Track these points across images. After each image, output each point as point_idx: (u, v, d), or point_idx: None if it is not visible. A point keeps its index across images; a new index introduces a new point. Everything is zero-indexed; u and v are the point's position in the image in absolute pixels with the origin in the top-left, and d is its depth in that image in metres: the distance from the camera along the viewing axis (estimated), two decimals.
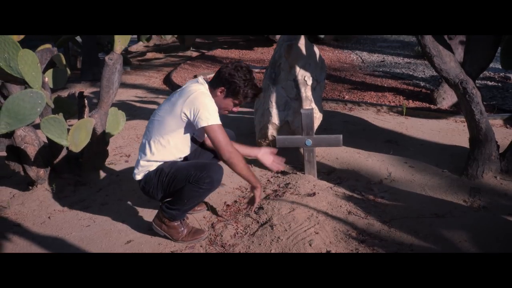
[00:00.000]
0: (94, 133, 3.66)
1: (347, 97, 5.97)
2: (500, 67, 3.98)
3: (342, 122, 4.95)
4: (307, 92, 4.03)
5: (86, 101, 3.76)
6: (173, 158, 2.83)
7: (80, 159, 3.87)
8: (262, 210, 3.11)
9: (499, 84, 6.19)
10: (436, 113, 5.23)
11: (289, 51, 4.00)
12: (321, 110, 4.19)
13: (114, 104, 3.94)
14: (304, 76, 4.01)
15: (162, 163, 2.81)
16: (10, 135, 3.46)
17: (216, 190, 2.97)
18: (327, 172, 3.77)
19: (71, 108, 3.98)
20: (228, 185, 3.60)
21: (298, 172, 3.71)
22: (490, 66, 4.99)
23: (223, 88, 2.75)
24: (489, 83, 6.24)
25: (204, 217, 3.19)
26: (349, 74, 7.16)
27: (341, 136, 3.47)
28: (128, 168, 4.06)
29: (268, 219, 3.00)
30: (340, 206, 3.14)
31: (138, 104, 6.44)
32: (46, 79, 3.68)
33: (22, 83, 3.09)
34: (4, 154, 3.61)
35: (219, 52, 9.80)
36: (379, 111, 5.43)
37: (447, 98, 5.37)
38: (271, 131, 4.03)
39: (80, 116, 3.73)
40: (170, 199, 2.84)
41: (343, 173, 3.74)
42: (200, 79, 2.83)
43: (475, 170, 3.47)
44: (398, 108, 5.38)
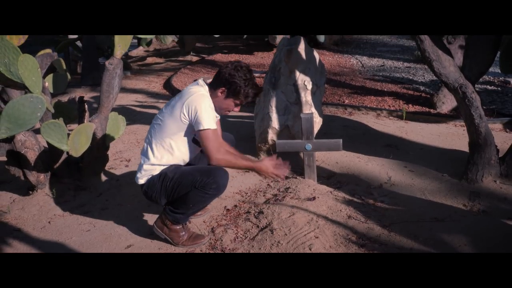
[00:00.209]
0: (94, 138, 3.66)
1: (347, 101, 5.98)
2: (499, 71, 3.98)
3: (342, 127, 4.95)
4: (307, 97, 4.04)
5: (86, 106, 3.76)
6: (176, 161, 2.83)
7: (80, 164, 3.87)
8: (262, 214, 3.11)
9: (499, 88, 6.19)
10: (435, 117, 5.23)
11: (289, 56, 4.01)
12: (321, 114, 4.20)
13: (114, 109, 3.95)
14: (304, 81, 4.02)
15: (165, 167, 2.81)
16: (10, 140, 3.46)
17: None
18: (327, 177, 3.77)
19: (71, 113, 3.98)
20: (228, 189, 3.59)
21: (298, 177, 3.71)
22: (490, 70, 5.00)
23: (223, 88, 2.75)
24: (488, 87, 6.25)
25: (204, 221, 3.19)
26: (349, 78, 7.17)
27: (341, 140, 3.48)
28: (128, 173, 4.06)
29: (268, 223, 3.00)
30: (340, 211, 3.14)
31: (138, 109, 6.44)
32: (46, 84, 3.68)
33: (22, 88, 3.10)
34: (4, 159, 3.61)
35: (219, 57, 9.81)
36: (379, 116, 5.44)
37: (447, 102, 5.38)
38: (271, 136, 4.04)
39: (80, 121, 3.73)
40: (174, 202, 2.83)
41: (343, 177, 3.74)
42: (200, 81, 2.83)
43: (474, 174, 3.47)
44: (398, 113, 5.39)
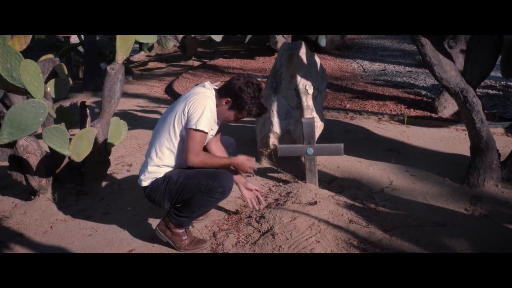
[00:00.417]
0: (96, 142, 3.67)
1: (348, 106, 5.98)
2: (500, 75, 3.98)
3: (343, 131, 4.95)
4: (308, 101, 4.05)
5: (88, 110, 3.78)
6: (179, 161, 2.83)
7: (82, 169, 3.88)
8: (263, 219, 3.11)
9: (500, 92, 6.20)
10: (437, 121, 5.23)
11: (290, 61, 4.02)
12: (322, 119, 4.20)
13: (116, 114, 3.95)
14: (305, 85, 4.02)
15: (169, 170, 2.81)
16: (12, 145, 3.47)
17: None
18: (328, 181, 3.77)
19: (73, 118, 3.99)
20: (230, 193, 3.60)
21: (299, 181, 3.71)
22: (491, 74, 5.00)
23: (229, 99, 2.77)
24: (490, 91, 6.25)
25: (205, 226, 3.19)
26: (350, 83, 7.18)
27: (342, 145, 3.48)
28: (130, 177, 4.07)
29: (269, 228, 3.00)
30: (342, 215, 3.14)
31: (140, 114, 6.45)
32: (48, 89, 3.70)
33: (24, 93, 3.11)
34: (6, 164, 3.62)
35: (220, 62, 9.82)
36: (380, 120, 5.44)
37: (448, 106, 5.38)
38: (273, 140, 4.04)
39: (82, 125, 3.74)
40: (178, 205, 2.82)
41: (344, 181, 3.74)
42: (207, 84, 2.84)
43: (476, 179, 3.47)
44: (400, 117, 5.39)
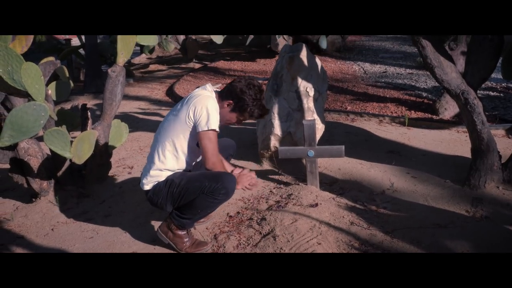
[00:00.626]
0: (97, 145, 3.67)
1: (349, 108, 5.98)
2: (501, 77, 3.98)
3: (344, 133, 4.95)
4: (309, 103, 4.05)
5: (89, 113, 3.78)
6: (182, 165, 2.83)
7: (83, 171, 3.88)
8: (264, 221, 3.11)
9: (501, 94, 6.19)
10: (438, 123, 5.23)
11: (291, 63, 4.02)
12: (323, 121, 4.20)
13: (117, 116, 3.96)
14: (306, 87, 4.02)
15: (171, 173, 2.81)
16: (13, 147, 3.48)
17: None
18: (329, 183, 3.77)
19: (74, 120, 4.00)
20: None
21: (300, 183, 3.71)
22: (492, 76, 5.01)
23: (231, 101, 2.78)
24: (491, 93, 6.25)
25: (207, 228, 3.19)
26: (351, 85, 7.18)
27: (343, 147, 3.48)
28: (131, 180, 4.07)
29: (270, 230, 3.00)
30: (343, 217, 3.14)
31: (141, 116, 6.46)
32: (49, 91, 3.70)
33: (26, 95, 3.11)
34: (7, 166, 3.62)
35: (221, 64, 9.84)
36: (381, 122, 5.44)
37: (449, 108, 5.38)
38: (274, 142, 4.04)
39: (83, 128, 3.75)
40: (181, 207, 2.82)
41: (345, 183, 3.74)
42: (208, 86, 2.84)
43: (477, 180, 3.47)
44: (400, 119, 5.39)
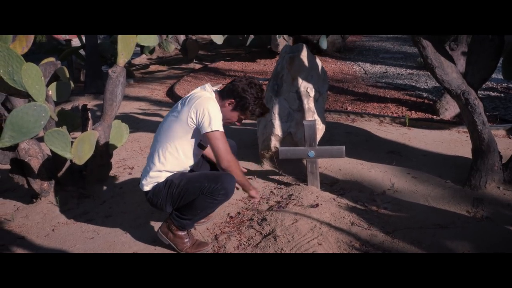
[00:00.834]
0: (98, 145, 3.67)
1: (349, 108, 5.98)
2: (502, 77, 3.98)
3: (345, 133, 4.95)
4: (309, 104, 4.05)
5: (90, 114, 3.78)
6: (181, 166, 2.83)
7: (84, 172, 3.88)
8: (265, 221, 3.11)
9: (502, 94, 6.19)
10: (438, 123, 5.23)
11: (291, 63, 4.02)
12: (323, 121, 4.20)
13: (117, 117, 3.96)
14: (306, 88, 4.02)
15: (171, 174, 2.81)
16: (14, 148, 3.48)
17: None
18: (330, 183, 3.77)
19: (75, 121, 4.00)
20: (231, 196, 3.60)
21: (301, 184, 3.71)
22: (493, 76, 5.00)
23: (232, 100, 2.79)
24: (491, 93, 6.24)
25: (207, 229, 3.19)
26: (351, 85, 7.18)
27: (343, 147, 3.48)
28: (131, 180, 4.07)
29: (271, 230, 3.00)
30: (343, 217, 3.13)
31: (141, 117, 6.46)
32: (50, 92, 3.70)
33: (26, 96, 3.11)
34: (8, 167, 3.62)
35: (222, 64, 9.84)
36: (381, 122, 5.44)
37: (450, 108, 5.37)
38: (274, 143, 4.04)
39: (83, 129, 3.75)
40: (181, 208, 2.82)
41: (346, 184, 3.73)
42: (208, 87, 2.85)
43: (478, 181, 3.47)
44: (401, 119, 5.38)
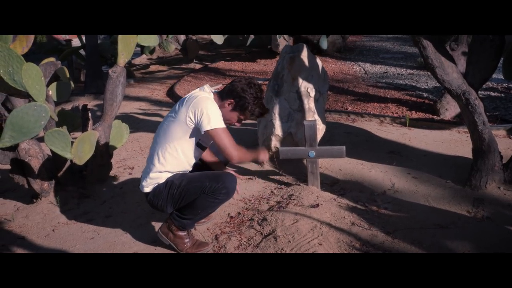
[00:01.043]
0: (98, 145, 3.67)
1: (350, 108, 5.98)
2: (502, 77, 3.98)
3: (345, 134, 4.95)
4: (310, 104, 4.04)
5: (90, 114, 3.78)
6: (181, 166, 2.83)
7: (84, 172, 3.88)
8: (265, 221, 3.10)
9: (502, 94, 6.19)
10: (439, 124, 5.23)
11: (291, 63, 4.02)
12: (324, 121, 4.20)
13: (117, 117, 3.96)
14: (307, 88, 4.02)
15: (171, 175, 2.81)
16: (14, 148, 3.48)
17: None
18: (330, 183, 3.76)
19: (75, 121, 3.99)
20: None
21: (301, 184, 3.71)
22: (493, 76, 5.00)
23: (232, 100, 2.78)
24: (492, 93, 6.24)
25: (207, 229, 3.18)
26: (352, 85, 7.18)
27: (344, 147, 3.48)
28: (132, 180, 4.07)
29: (271, 230, 3.00)
30: (344, 217, 3.13)
31: (141, 117, 6.46)
32: (50, 92, 3.70)
33: (26, 96, 3.11)
34: (8, 167, 3.62)
35: (222, 64, 9.83)
36: (382, 122, 5.44)
37: (450, 109, 5.37)
38: (274, 143, 4.04)
39: (84, 129, 3.75)
40: (181, 207, 2.82)
41: (346, 184, 3.73)
42: (206, 87, 2.84)
43: (478, 181, 3.46)
44: (401, 119, 5.38)
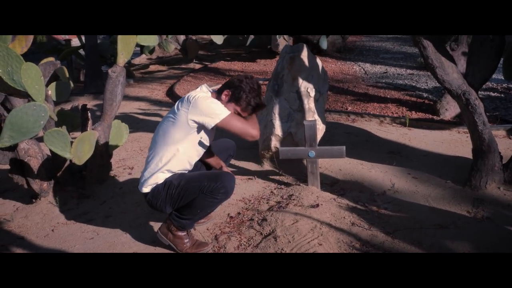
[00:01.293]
0: (97, 145, 3.67)
1: (350, 108, 5.97)
2: (502, 78, 3.98)
3: (345, 134, 4.95)
4: (310, 104, 4.04)
5: (89, 113, 3.77)
6: (182, 166, 2.83)
7: (84, 172, 3.88)
8: (265, 221, 3.10)
9: (502, 95, 6.18)
10: (439, 124, 5.22)
11: (291, 63, 4.02)
12: (324, 121, 4.20)
13: (117, 117, 3.95)
14: (307, 88, 4.02)
15: (170, 175, 2.81)
16: (13, 148, 3.47)
17: None
18: (330, 184, 3.76)
19: (75, 121, 3.99)
20: (231, 196, 3.57)
21: (301, 184, 3.70)
22: (493, 77, 4.99)
23: (228, 91, 2.78)
24: (492, 94, 6.24)
25: (207, 229, 3.18)
26: (352, 85, 7.17)
27: (344, 147, 3.47)
28: (131, 180, 4.06)
29: (271, 230, 2.99)
30: (344, 218, 3.13)
31: (141, 117, 6.45)
32: (49, 92, 3.70)
33: (26, 96, 3.11)
34: (7, 167, 3.62)
35: (222, 64, 9.83)
36: (382, 122, 5.43)
37: (450, 109, 5.37)
38: (274, 143, 4.03)
39: (83, 128, 3.74)
40: (181, 208, 2.81)
41: (346, 184, 3.73)
42: (204, 87, 2.84)
43: (478, 181, 3.46)
44: (401, 119, 5.38)
